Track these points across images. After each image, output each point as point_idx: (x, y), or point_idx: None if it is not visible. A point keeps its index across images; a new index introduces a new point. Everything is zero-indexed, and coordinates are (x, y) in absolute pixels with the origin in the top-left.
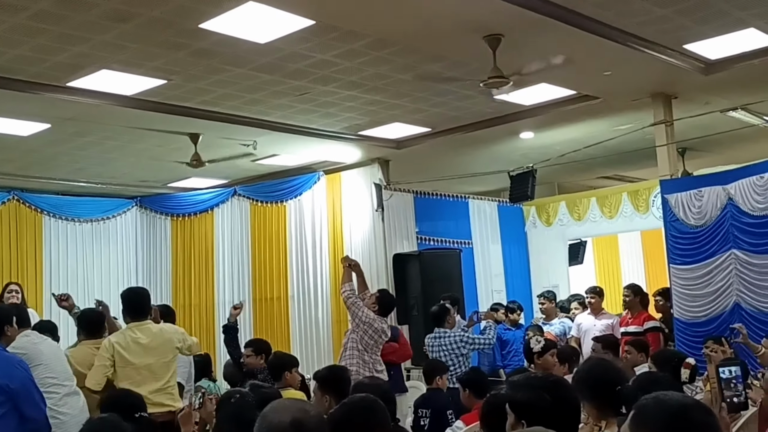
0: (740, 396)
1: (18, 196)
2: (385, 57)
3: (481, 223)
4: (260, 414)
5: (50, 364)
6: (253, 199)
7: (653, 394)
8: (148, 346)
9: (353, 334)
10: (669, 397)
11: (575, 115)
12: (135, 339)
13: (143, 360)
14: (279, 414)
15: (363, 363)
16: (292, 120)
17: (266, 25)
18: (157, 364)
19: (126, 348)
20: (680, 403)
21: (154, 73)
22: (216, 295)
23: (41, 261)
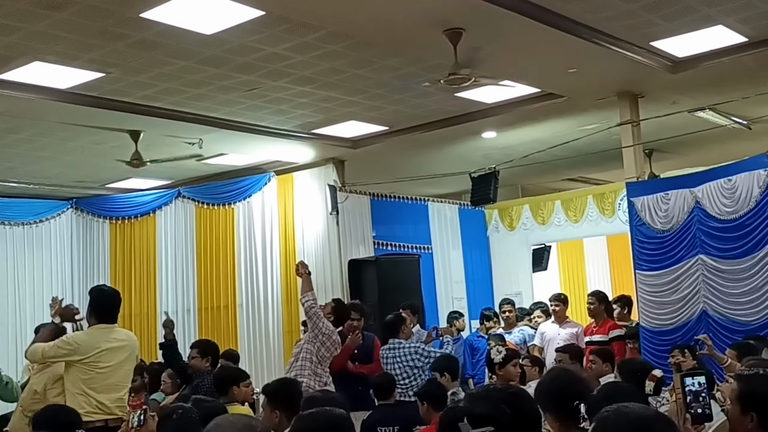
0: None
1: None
2: (341, 51)
3: (442, 228)
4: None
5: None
6: (199, 201)
7: (615, 406)
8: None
9: (309, 345)
10: (630, 409)
11: (539, 114)
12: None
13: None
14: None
15: (315, 376)
16: (241, 117)
17: (213, 15)
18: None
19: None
20: (641, 415)
21: (92, 65)
22: (158, 303)
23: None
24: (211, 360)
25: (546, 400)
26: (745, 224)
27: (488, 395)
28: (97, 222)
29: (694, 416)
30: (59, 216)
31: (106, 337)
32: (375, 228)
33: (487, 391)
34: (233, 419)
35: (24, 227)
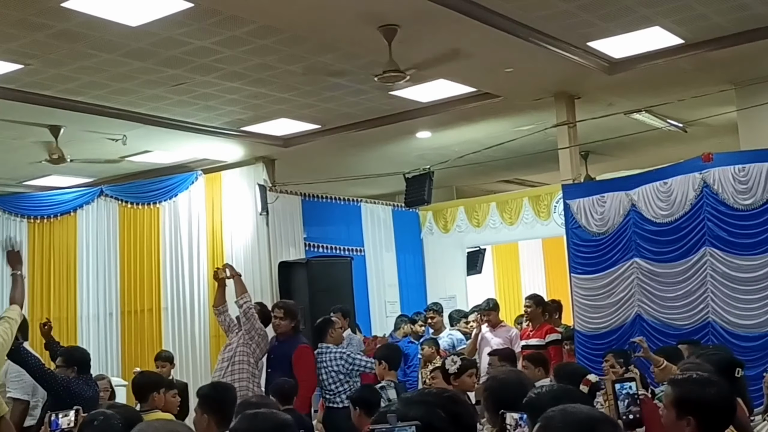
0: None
1: None
2: (271, 46)
3: (375, 229)
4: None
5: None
6: (122, 200)
7: (560, 407)
8: None
9: (245, 348)
10: (577, 409)
11: (475, 114)
12: None
13: None
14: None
15: (253, 378)
16: (167, 113)
17: (139, 6)
18: None
19: None
20: (588, 416)
21: (10, 56)
22: (79, 307)
23: None
24: (77, 369)
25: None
26: (680, 227)
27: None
28: (14, 221)
29: (626, 422)
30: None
31: None
32: (306, 229)
33: (422, 395)
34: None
35: None
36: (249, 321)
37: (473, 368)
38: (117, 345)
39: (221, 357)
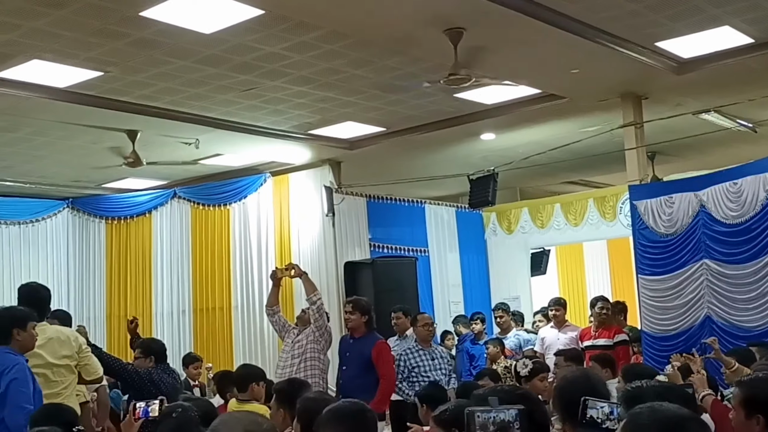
0: None
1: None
2: (339, 50)
3: (438, 230)
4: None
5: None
6: (195, 202)
7: (648, 404)
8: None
9: (315, 345)
10: (665, 408)
11: (540, 115)
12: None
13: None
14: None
15: (322, 374)
16: (238, 117)
17: (212, 14)
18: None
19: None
20: (676, 414)
21: (90, 64)
22: (154, 304)
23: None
24: (155, 359)
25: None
26: (750, 228)
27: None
28: (93, 222)
29: None
30: (55, 215)
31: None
32: (371, 230)
33: (494, 392)
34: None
35: (20, 226)
36: (321, 318)
37: (545, 372)
38: (189, 341)
39: (289, 354)
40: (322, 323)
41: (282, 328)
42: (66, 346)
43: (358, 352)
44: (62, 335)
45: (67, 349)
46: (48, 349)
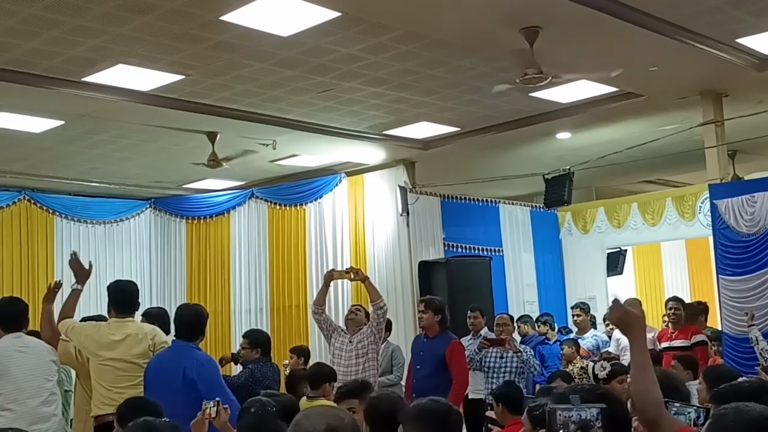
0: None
1: (29, 196)
2: (414, 51)
3: (513, 230)
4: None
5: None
6: (272, 202)
7: (733, 404)
8: (120, 342)
9: (375, 346)
10: (750, 408)
11: (616, 114)
12: (109, 334)
13: (113, 357)
14: (312, 421)
15: (377, 374)
16: (314, 118)
17: (290, 17)
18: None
19: (98, 341)
20: (762, 415)
21: (172, 68)
22: (232, 302)
23: (53, 264)
24: (261, 352)
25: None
26: None
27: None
28: (174, 221)
29: None
30: (138, 215)
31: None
32: (445, 230)
33: (575, 391)
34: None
35: (105, 226)
36: (382, 323)
37: (623, 375)
38: None
39: (352, 353)
40: (382, 327)
41: (329, 327)
42: (140, 345)
43: (432, 351)
44: (140, 333)
45: (141, 347)
46: (124, 346)
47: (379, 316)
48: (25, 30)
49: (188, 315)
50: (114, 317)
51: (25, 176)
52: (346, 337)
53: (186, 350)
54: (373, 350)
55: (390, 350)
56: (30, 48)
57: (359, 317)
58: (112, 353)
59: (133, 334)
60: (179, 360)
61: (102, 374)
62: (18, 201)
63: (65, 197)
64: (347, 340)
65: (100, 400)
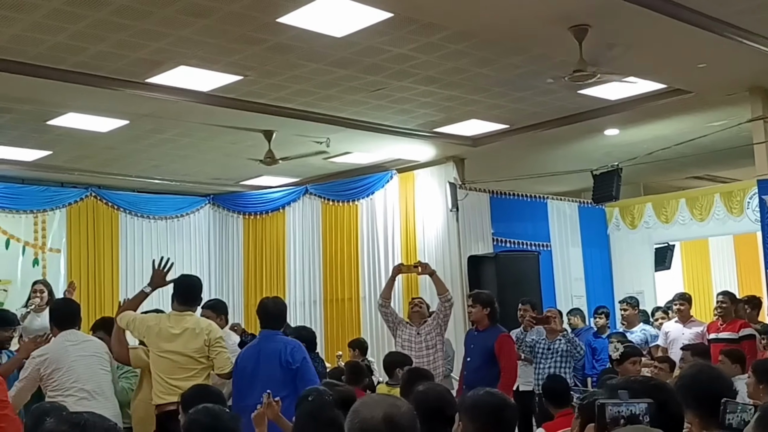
0: None
1: (96, 193)
2: (464, 50)
3: (561, 225)
4: (352, 409)
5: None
6: (325, 198)
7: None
8: (179, 335)
9: (440, 338)
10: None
11: (665, 110)
12: (168, 327)
13: (171, 349)
14: (371, 409)
15: (444, 364)
16: (366, 117)
17: (344, 18)
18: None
19: (158, 333)
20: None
21: (231, 68)
22: (287, 294)
23: (117, 258)
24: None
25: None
26: None
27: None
28: (231, 217)
29: None
30: (198, 211)
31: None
32: (494, 225)
33: (627, 383)
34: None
35: (166, 221)
36: (448, 316)
37: (636, 356)
38: (321, 330)
39: (423, 345)
40: (448, 320)
41: (395, 320)
42: (197, 340)
43: (482, 344)
44: (198, 328)
45: (198, 342)
46: (182, 339)
47: (447, 309)
48: (93, 34)
49: (273, 307)
50: (175, 309)
51: (92, 174)
52: (413, 329)
53: (275, 337)
54: (440, 341)
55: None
56: (97, 51)
57: (423, 309)
58: (170, 345)
59: (190, 328)
60: (273, 346)
61: (160, 365)
62: (85, 197)
63: (129, 194)
64: (415, 332)
65: (159, 390)
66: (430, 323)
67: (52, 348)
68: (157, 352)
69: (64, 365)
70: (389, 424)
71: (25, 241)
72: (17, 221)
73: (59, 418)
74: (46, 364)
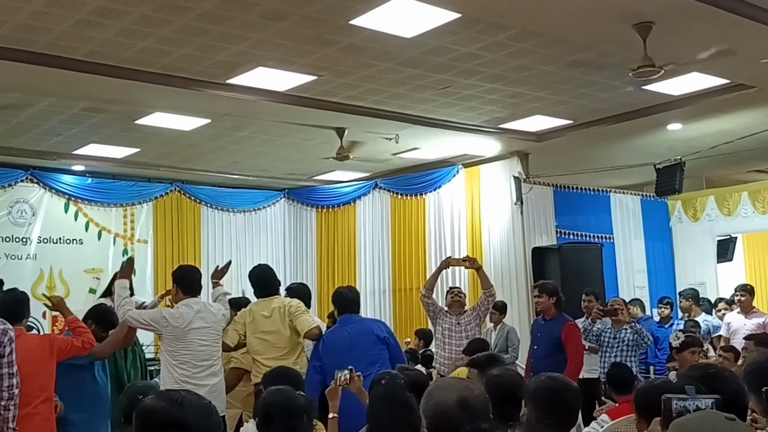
0: None
1: (179, 188)
2: (529, 48)
3: (624, 218)
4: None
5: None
6: (394, 192)
7: None
8: (269, 317)
9: (479, 328)
10: None
11: (728, 105)
12: (260, 311)
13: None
14: (445, 392)
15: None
16: (434, 114)
17: (413, 19)
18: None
19: (253, 320)
20: None
21: (306, 69)
22: (358, 283)
23: (200, 248)
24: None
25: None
26: None
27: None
28: (305, 210)
29: None
30: (274, 204)
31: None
32: (558, 218)
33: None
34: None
35: (245, 214)
36: (489, 309)
37: (696, 346)
38: (390, 317)
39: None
40: (488, 312)
41: (435, 310)
42: (283, 315)
43: (549, 332)
44: (281, 306)
45: (284, 318)
46: (272, 319)
47: (489, 302)
48: (178, 38)
49: (350, 294)
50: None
51: (176, 170)
52: (453, 319)
53: (361, 318)
54: (478, 331)
55: (505, 331)
56: (182, 54)
57: (463, 299)
58: (264, 326)
59: (277, 307)
60: (362, 325)
61: (256, 347)
62: (170, 192)
63: (210, 188)
64: (455, 322)
65: (257, 370)
66: (470, 314)
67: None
68: (253, 335)
69: (186, 337)
70: (463, 406)
71: (115, 232)
72: (108, 214)
73: (158, 395)
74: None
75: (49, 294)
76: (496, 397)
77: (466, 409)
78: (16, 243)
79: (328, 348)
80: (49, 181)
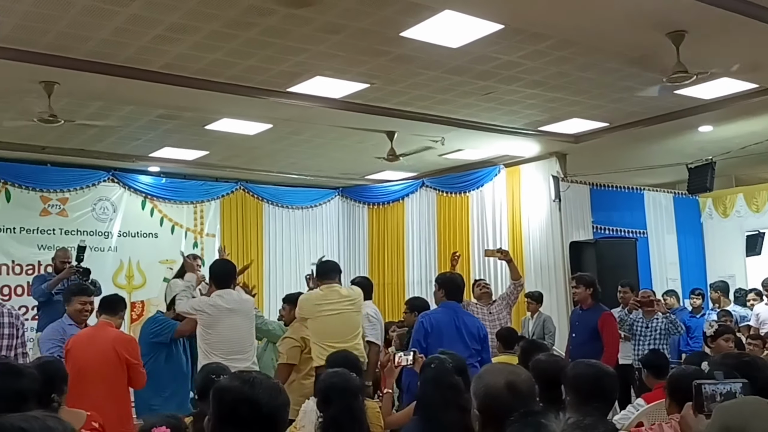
0: None
1: (243, 187)
2: (568, 56)
3: (657, 214)
4: (477, 375)
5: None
6: (440, 190)
7: None
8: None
9: (510, 317)
10: None
11: (758, 108)
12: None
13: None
14: (494, 376)
15: None
16: (477, 117)
17: (460, 30)
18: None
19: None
20: None
21: (359, 77)
22: (406, 274)
23: (262, 243)
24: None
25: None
26: None
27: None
28: (358, 207)
29: None
30: (329, 202)
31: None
32: (594, 214)
33: (723, 358)
34: (501, 367)
35: (302, 211)
36: (518, 298)
37: (729, 334)
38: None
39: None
40: (516, 301)
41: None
42: (354, 305)
43: (586, 322)
44: (351, 296)
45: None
46: (337, 304)
47: (517, 292)
48: (244, 51)
49: (462, 284)
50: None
51: (241, 170)
52: (483, 308)
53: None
54: (509, 320)
55: (542, 320)
56: (247, 65)
57: (490, 290)
58: (328, 309)
59: (344, 294)
60: (473, 319)
61: (318, 329)
62: (235, 191)
63: (271, 187)
64: (486, 311)
65: (317, 353)
66: (499, 303)
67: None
68: (315, 321)
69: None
70: (511, 389)
71: (186, 227)
72: (180, 210)
73: (232, 376)
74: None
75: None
76: (542, 381)
77: (513, 392)
78: (99, 237)
79: (435, 330)
80: (128, 181)
